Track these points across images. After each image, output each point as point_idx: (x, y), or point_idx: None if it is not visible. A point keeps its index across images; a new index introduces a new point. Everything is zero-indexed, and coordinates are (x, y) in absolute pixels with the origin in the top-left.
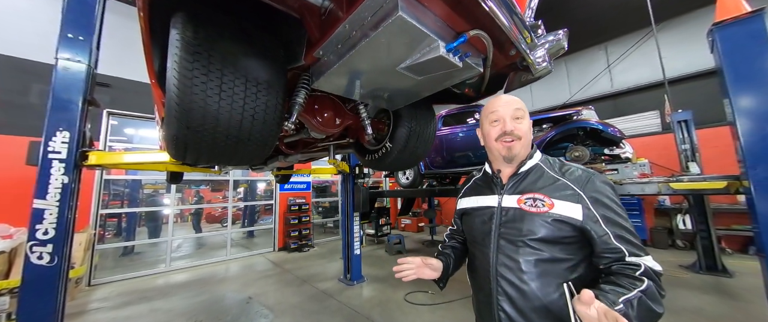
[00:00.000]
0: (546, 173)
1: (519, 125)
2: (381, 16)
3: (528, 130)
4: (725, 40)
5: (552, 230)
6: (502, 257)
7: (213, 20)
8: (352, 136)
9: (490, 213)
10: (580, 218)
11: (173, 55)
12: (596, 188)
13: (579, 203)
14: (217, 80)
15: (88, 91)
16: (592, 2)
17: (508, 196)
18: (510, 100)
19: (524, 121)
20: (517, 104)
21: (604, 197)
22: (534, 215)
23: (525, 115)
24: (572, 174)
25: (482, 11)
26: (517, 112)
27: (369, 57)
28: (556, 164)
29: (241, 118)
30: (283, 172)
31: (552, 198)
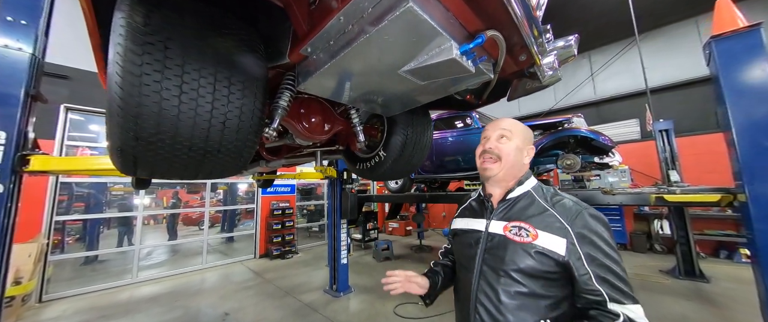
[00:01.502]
0: (536, 201)
1: (501, 145)
2: (386, 7)
3: (513, 151)
4: (723, 54)
5: (534, 262)
6: (484, 284)
7: (173, 3)
8: (342, 143)
9: (477, 237)
10: (563, 253)
11: (116, 45)
12: (586, 223)
13: (564, 238)
14: (176, 79)
15: (32, 83)
16: (576, 13)
17: (495, 221)
18: (501, 120)
19: (510, 142)
20: (506, 124)
21: (593, 234)
22: (517, 244)
23: (513, 136)
24: (562, 206)
25: (500, 6)
26: (504, 132)
27: (367, 57)
28: (549, 192)
29: (209, 125)
30: (265, 176)
31: (537, 229)
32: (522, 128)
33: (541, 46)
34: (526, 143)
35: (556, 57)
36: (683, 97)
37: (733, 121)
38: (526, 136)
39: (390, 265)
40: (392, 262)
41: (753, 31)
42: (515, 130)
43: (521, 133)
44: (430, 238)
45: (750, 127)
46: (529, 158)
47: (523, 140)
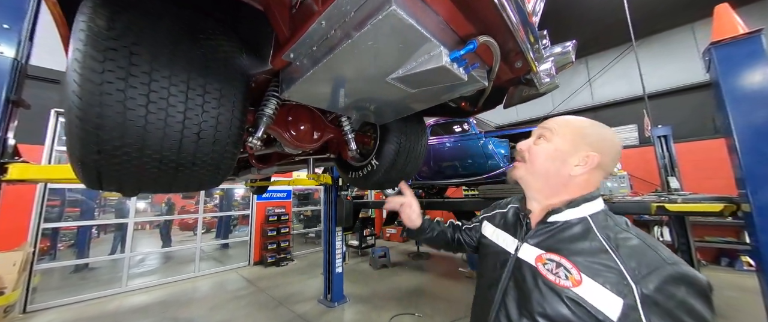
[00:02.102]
0: (592, 233)
1: (534, 146)
2: (369, 10)
3: (546, 154)
4: (723, 60)
5: (568, 313)
6: (502, 316)
7: (142, 5)
8: (334, 151)
9: (503, 259)
10: (614, 317)
11: (74, 50)
12: (667, 287)
13: (622, 296)
14: (142, 87)
15: (13, 88)
16: (572, 19)
17: (529, 246)
18: (554, 118)
19: (547, 143)
20: (552, 121)
21: (679, 308)
22: (550, 285)
23: (554, 136)
24: (631, 249)
25: (493, 10)
26: (544, 131)
27: (351, 64)
28: (616, 228)
29: (181, 137)
30: (258, 183)
31: (583, 273)
32: (573, 128)
33: (538, 52)
34: (578, 148)
35: (553, 64)
36: (680, 103)
37: (734, 127)
38: (578, 138)
39: (387, 272)
40: (389, 269)
41: (754, 38)
42: (560, 129)
43: (569, 135)
44: None
45: (753, 135)
46: (583, 170)
47: (571, 143)
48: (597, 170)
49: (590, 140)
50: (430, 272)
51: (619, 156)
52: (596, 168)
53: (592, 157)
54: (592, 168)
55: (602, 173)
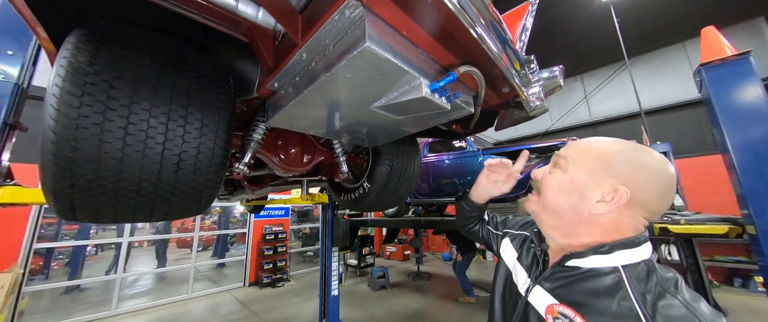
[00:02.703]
0: (624, 291)
1: (547, 175)
2: (345, 45)
3: (559, 188)
4: (714, 81)
5: None
6: None
7: (124, 38)
8: (325, 173)
9: (514, 297)
10: None
11: (52, 85)
12: None
13: None
14: (120, 120)
15: (11, 112)
16: (562, 39)
17: (541, 290)
18: (577, 142)
19: (563, 174)
20: (573, 146)
21: None
22: None
23: (573, 164)
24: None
25: (473, 42)
26: (559, 158)
27: (333, 93)
28: (658, 288)
29: (160, 168)
30: (254, 202)
31: None
32: (595, 155)
33: (525, 77)
34: (599, 180)
35: (541, 88)
36: (678, 119)
37: (730, 144)
38: (600, 167)
39: (386, 294)
40: (388, 291)
41: (742, 59)
42: (578, 156)
43: (589, 163)
44: (430, 263)
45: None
46: (608, 208)
47: (589, 174)
48: (632, 207)
49: (618, 170)
50: (430, 293)
51: (670, 190)
52: (629, 205)
53: (620, 192)
54: (622, 206)
55: (643, 211)
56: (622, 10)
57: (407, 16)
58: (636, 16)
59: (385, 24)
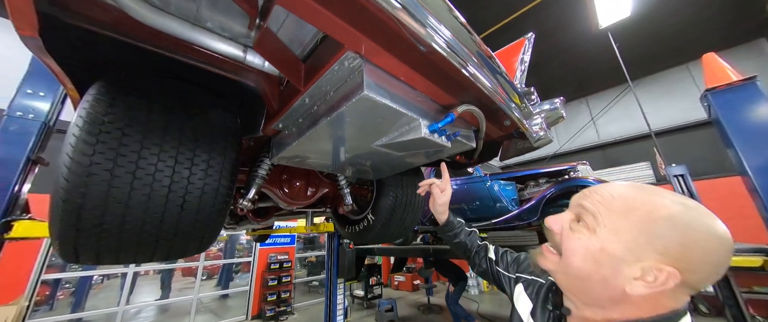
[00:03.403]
0: None
1: (570, 233)
2: (344, 92)
3: (582, 257)
4: (723, 105)
5: None
6: None
7: (139, 87)
8: (329, 205)
9: None
10: None
11: (70, 135)
12: None
13: None
14: (130, 165)
15: (35, 149)
16: (563, 64)
17: None
18: (600, 186)
19: (587, 236)
20: (592, 197)
21: None
22: None
23: (598, 225)
24: None
25: (468, 81)
26: (582, 210)
27: (334, 134)
28: None
29: (164, 210)
30: (259, 232)
31: None
32: (636, 218)
33: (525, 110)
34: (640, 254)
35: (543, 119)
36: (692, 139)
37: (748, 166)
38: (642, 237)
39: None
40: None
41: (749, 84)
42: (614, 219)
43: (628, 229)
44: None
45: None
46: (647, 290)
47: (627, 245)
48: (677, 288)
49: (665, 244)
50: None
51: (726, 264)
52: (675, 287)
53: (666, 274)
54: (666, 288)
55: (689, 289)
56: (621, 37)
57: (403, 63)
58: (635, 40)
59: (383, 71)
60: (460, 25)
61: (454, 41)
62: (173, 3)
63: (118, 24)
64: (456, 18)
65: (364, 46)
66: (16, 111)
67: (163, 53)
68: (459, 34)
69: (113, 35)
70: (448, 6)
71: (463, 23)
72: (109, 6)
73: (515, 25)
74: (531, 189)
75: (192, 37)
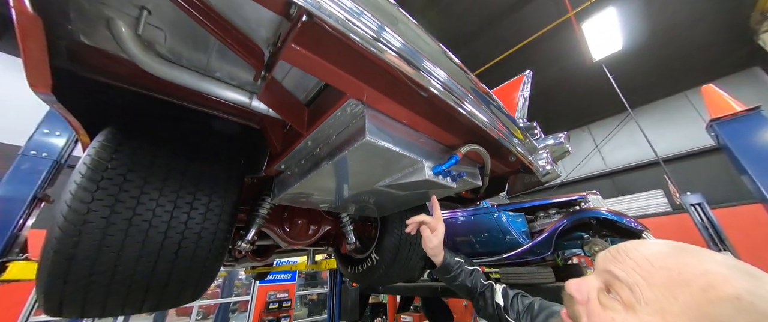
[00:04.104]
0: None
1: (600, 311)
2: (347, 136)
3: None
4: (731, 134)
5: None
6: None
7: (145, 132)
8: (331, 243)
9: None
10: None
11: (71, 182)
12: None
13: None
14: (127, 211)
15: (43, 186)
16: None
17: None
18: (630, 248)
19: (625, 314)
20: (626, 263)
21: None
22: None
23: (636, 302)
24: None
25: (469, 121)
26: (613, 279)
27: (336, 176)
28: None
29: (157, 257)
30: (259, 269)
31: None
32: (689, 300)
33: (529, 145)
34: None
35: (549, 154)
36: (703, 166)
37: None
38: (699, 317)
39: None
40: None
41: (754, 114)
42: (659, 294)
43: (681, 314)
44: None
45: None
46: None
47: None
48: None
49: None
50: None
51: None
52: None
53: None
54: None
55: None
56: (616, 68)
57: (404, 107)
58: (631, 71)
59: (384, 116)
60: (455, 67)
61: (451, 83)
62: (185, 56)
63: (132, 76)
64: (451, 60)
65: (365, 93)
66: (30, 150)
67: (173, 101)
68: (455, 76)
69: (125, 86)
70: (442, 49)
71: (459, 64)
72: (124, 60)
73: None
74: (541, 221)
75: (201, 86)
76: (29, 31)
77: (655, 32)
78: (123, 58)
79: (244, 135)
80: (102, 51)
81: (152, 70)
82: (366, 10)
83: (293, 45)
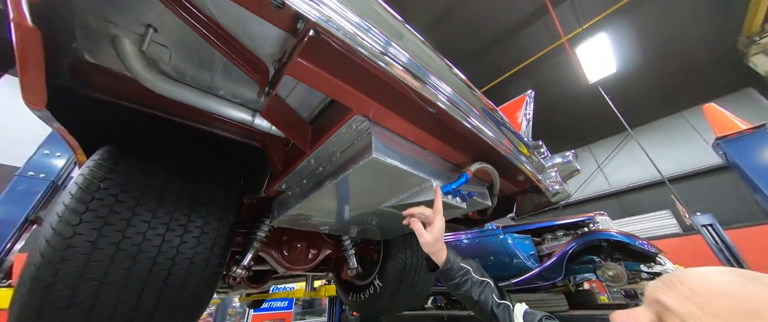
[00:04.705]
0: None
1: None
2: (352, 154)
3: None
4: (740, 152)
5: None
6: None
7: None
8: (331, 269)
9: None
10: None
11: (59, 203)
12: None
13: None
14: (116, 234)
15: (37, 208)
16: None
17: None
18: (685, 276)
19: None
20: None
21: None
22: None
23: None
24: None
25: (477, 138)
26: (662, 311)
27: (340, 196)
28: None
29: (144, 285)
30: (254, 297)
31: None
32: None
33: (537, 164)
34: None
35: (557, 173)
36: (708, 185)
37: None
38: None
39: None
40: None
41: (761, 132)
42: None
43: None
44: None
45: None
46: None
47: None
48: None
49: None
50: None
51: None
52: None
53: None
54: None
55: None
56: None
57: (411, 123)
58: (627, 92)
59: (391, 132)
60: (461, 83)
61: (458, 98)
62: (189, 74)
63: (134, 94)
64: (456, 75)
65: (371, 109)
66: (28, 171)
67: (173, 119)
68: (462, 92)
69: (127, 104)
70: (447, 65)
71: (465, 80)
72: (127, 78)
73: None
74: (549, 243)
75: (204, 104)
76: (28, 44)
77: (648, 56)
78: (126, 75)
79: (245, 154)
80: (105, 68)
81: (155, 88)
82: (373, 25)
83: (299, 59)
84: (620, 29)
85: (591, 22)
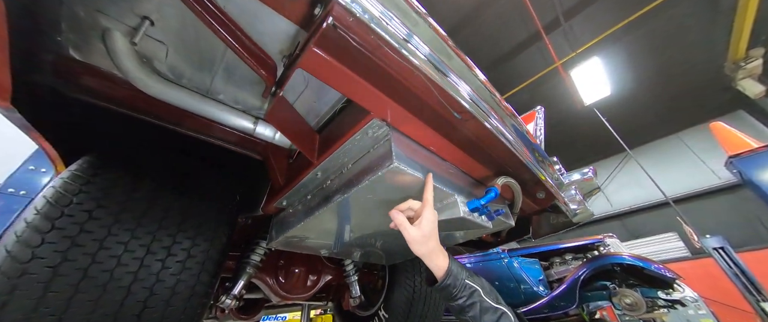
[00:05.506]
0: None
1: None
2: (366, 164)
3: None
4: (754, 170)
5: None
6: None
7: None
8: (331, 297)
9: None
10: None
11: (22, 219)
12: None
13: None
14: (85, 258)
15: None
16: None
17: None
18: None
19: None
20: None
21: None
22: None
23: None
24: None
25: (503, 149)
26: None
27: (349, 214)
28: None
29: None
30: None
31: None
32: None
33: (557, 180)
34: None
35: (577, 191)
36: (714, 206)
37: None
38: None
39: None
40: None
41: None
42: None
43: None
44: None
45: None
46: None
47: None
48: None
49: None
50: None
51: None
52: None
53: None
54: None
55: None
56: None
57: (434, 131)
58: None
59: (411, 140)
60: (483, 86)
61: (480, 102)
62: (187, 75)
63: (123, 97)
64: (476, 77)
65: (390, 111)
66: (8, 188)
67: (166, 126)
68: (482, 93)
69: (115, 108)
70: (468, 65)
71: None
72: (117, 78)
73: None
74: (558, 268)
75: (201, 108)
76: None
77: (641, 79)
78: (116, 75)
79: (243, 167)
80: (92, 67)
81: (148, 89)
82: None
83: (315, 49)
84: (612, 54)
85: (583, 49)
